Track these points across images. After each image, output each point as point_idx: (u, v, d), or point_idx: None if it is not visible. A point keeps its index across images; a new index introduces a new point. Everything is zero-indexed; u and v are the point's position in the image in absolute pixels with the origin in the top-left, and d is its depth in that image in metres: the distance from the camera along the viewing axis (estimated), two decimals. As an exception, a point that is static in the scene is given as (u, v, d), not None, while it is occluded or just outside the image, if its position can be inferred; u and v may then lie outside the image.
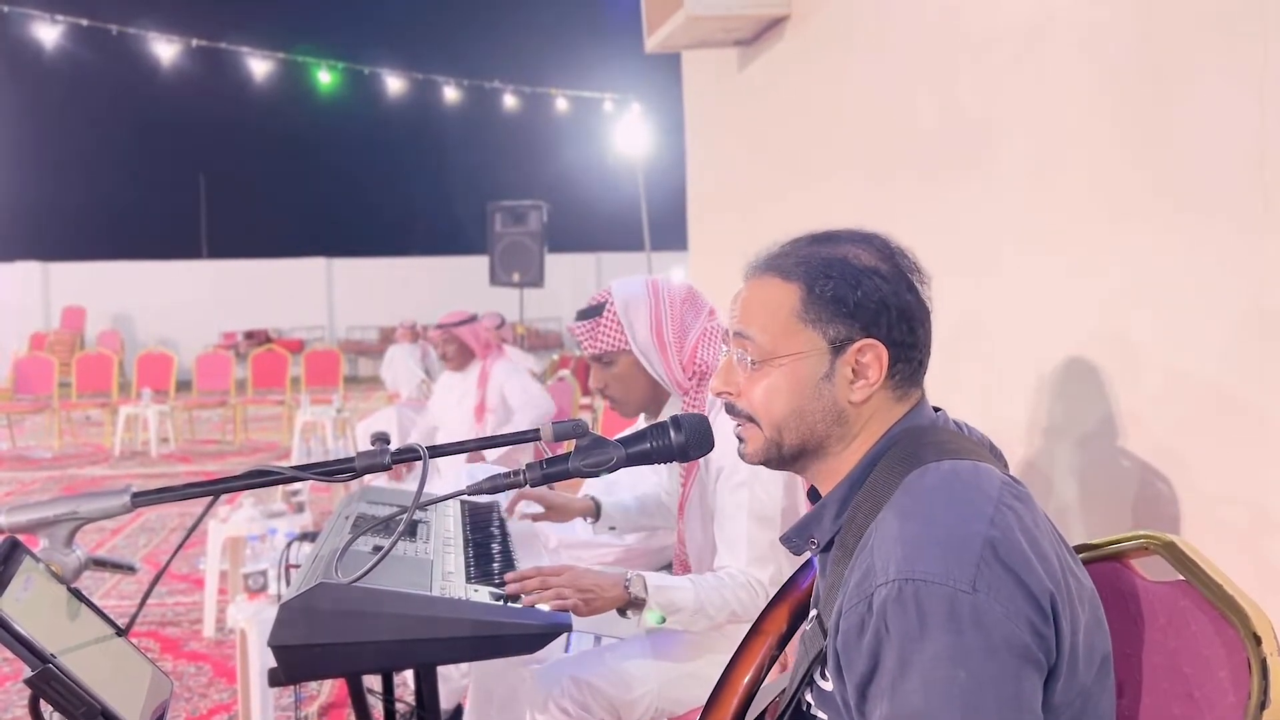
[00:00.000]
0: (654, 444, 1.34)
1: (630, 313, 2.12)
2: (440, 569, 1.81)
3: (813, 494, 1.24)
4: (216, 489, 1.17)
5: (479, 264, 10.86)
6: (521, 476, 1.27)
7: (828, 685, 1.10)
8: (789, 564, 2.05)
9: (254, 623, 2.89)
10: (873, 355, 1.13)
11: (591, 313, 2.15)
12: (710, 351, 2.13)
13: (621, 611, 1.84)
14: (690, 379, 2.12)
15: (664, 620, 1.85)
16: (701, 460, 2.05)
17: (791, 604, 1.35)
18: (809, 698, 1.16)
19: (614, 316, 2.12)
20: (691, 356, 2.12)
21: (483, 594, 1.72)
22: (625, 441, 1.33)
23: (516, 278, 9.60)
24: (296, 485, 4.34)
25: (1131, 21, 2.11)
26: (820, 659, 1.12)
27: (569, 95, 16.53)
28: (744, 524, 1.93)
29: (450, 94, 15.44)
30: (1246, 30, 1.81)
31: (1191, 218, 1.96)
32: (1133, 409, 2.16)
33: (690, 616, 1.86)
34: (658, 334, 2.11)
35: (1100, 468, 2.25)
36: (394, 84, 14.90)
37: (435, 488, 3.78)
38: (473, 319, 4.94)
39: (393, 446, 1.24)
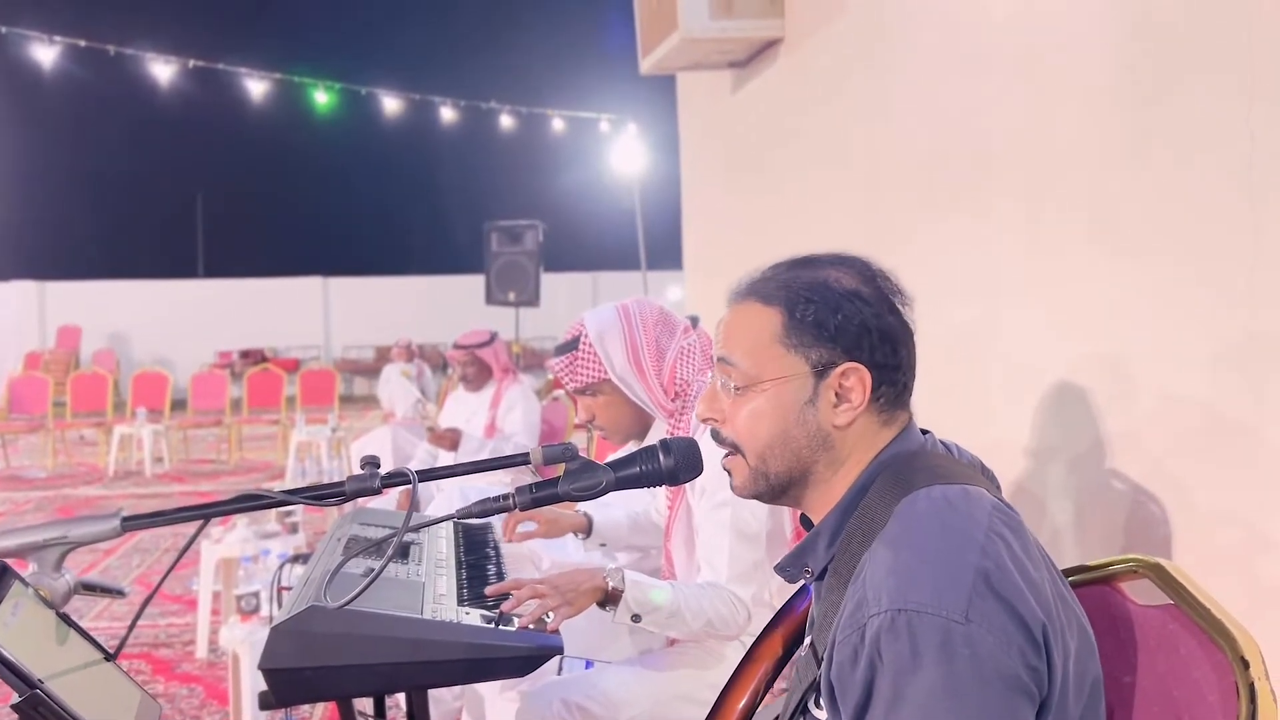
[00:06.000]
0: (643, 468, 1.34)
1: (605, 342, 2.15)
2: (432, 591, 1.81)
3: (805, 522, 1.24)
4: (207, 513, 1.17)
5: (475, 283, 10.86)
6: (511, 500, 1.27)
7: (822, 714, 1.10)
8: (774, 584, 2.05)
9: (246, 645, 2.88)
10: (856, 379, 1.13)
11: (568, 347, 2.18)
12: (688, 368, 2.15)
13: (601, 604, 1.83)
14: (672, 399, 2.13)
15: (638, 618, 1.83)
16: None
17: (786, 629, 1.35)
18: None
19: (590, 348, 2.15)
20: (671, 376, 2.14)
21: (474, 616, 1.71)
22: (615, 465, 1.33)
23: (512, 297, 9.59)
24: (290, 506, 4.33)
25: (1119, 49, 2.13)
26: (814, 688, 1.12)
27: (565, 115, 16.59)
28: (726, 541, 1.94)
29: (447, 114, 15.48)
30: (1232, 57, 1.83)
31: (1183, 241, 1.98)
32: (1126, 430, 2.16)
33: (666, 618, 1.86)
34: (634, 358, 2.13)
35: (1093, 489, 2.25)
36: (390, 104, 14.94)
37: (433, 506, 3.78)
38: (492, 339, 4.99)
39: (389, 467, 1.25)
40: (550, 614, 1.72)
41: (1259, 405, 1.82)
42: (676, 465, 1.34)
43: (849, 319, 1.13)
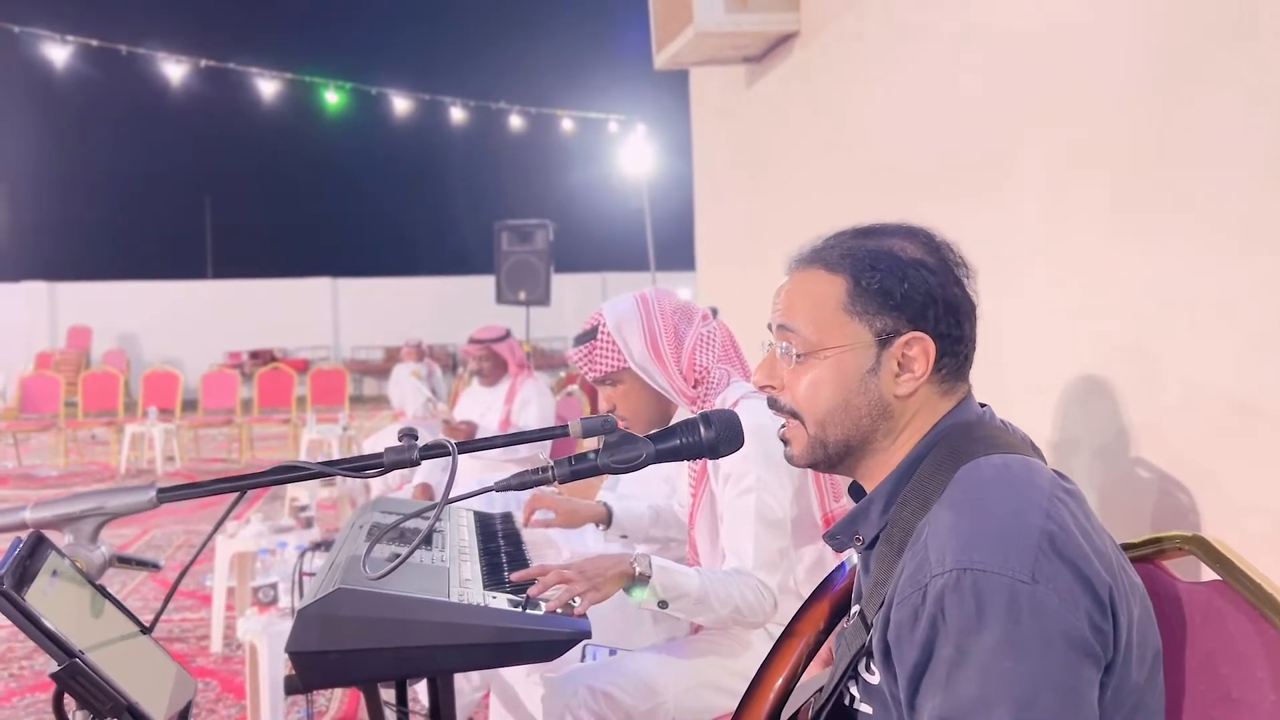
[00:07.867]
0: (684, 440, 1.32)
1: (624, 330, 2.14)
2: (457, 576, 1.80)
3: (855, 491, 1.22)
4: (242, 484, 1.16)
5: (485, 283, 10.88)
6: (550, 473, 1.26)
7: (874, 678, 1.09)
8: (799, 571, 2.04)
9: (265, 636, 2.87)
10: (919, 348, 1.12)
11: (586, 337, 2.18)
12: (708, 355, 2.14)
13: (627, 590, 1.82)
14: (693, 386, 2.13)
15: (665, 605, 1.82)
16: (710, 467, 2.04)
17: (828, 604, 1.34)
18: (853, 690, 1.14)
19: (608, 337, 2.14)
20: (690, 363, 2.13)
21: (501, 600, 1.70)
22: (654, 438, 1.32)
23: (523, 296, 9.59)
24: (304, 500, 4.33)
25: (1144, 37, 2.11)
26: (864, 652, 1.10)
27: (575, 116, 16.59)
28: (751, 529, 1.92)
29: (457, 114, 15.49)
30: (1259, 43, 1.81)
31: (1209, 229, 1.96)
32: (1152, 419, 2.15)
33: (693, 604, 1.84)
34: (653, 346, 2.13)
35: (1120, 478, 2.23)
36: (401, 104, 14.96)
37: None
38: (507, 335, 5.01)
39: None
40: (577, 599, 1.71)
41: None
42: (717, 437, 1.33)
43: (915, 288, 1.12)
